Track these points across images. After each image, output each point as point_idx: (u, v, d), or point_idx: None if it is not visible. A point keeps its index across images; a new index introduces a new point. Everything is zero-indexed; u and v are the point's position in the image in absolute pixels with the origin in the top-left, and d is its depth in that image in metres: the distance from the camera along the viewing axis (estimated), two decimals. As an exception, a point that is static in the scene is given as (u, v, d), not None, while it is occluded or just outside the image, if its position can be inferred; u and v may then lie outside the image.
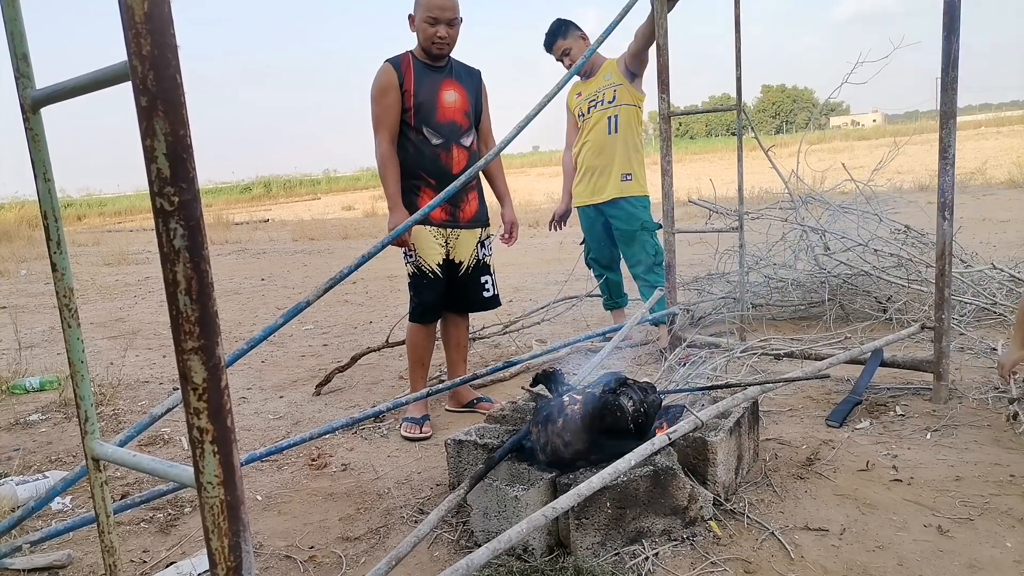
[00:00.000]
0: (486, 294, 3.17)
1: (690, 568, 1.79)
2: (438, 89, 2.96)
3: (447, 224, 3.03)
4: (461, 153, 3.01)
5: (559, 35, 3.92)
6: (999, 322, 3.77)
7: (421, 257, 3.01)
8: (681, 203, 5.61)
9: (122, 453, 0.96)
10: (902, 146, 4.77)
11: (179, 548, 2.14)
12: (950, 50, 2.56)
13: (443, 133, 2.97)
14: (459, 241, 3.07)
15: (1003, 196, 10.26)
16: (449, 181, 2.74)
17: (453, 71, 3.04)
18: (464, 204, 3.06)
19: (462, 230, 3.07)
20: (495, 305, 3.23)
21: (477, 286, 3.14)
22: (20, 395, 3.90)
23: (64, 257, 0.98)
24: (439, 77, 2.99)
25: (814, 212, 4.70)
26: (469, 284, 3.13)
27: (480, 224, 3.15)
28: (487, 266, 3.17)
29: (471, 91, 3.06)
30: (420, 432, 2.94)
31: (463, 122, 3.02)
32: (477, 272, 3.13)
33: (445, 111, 2.97)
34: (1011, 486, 2.07)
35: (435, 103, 2.95)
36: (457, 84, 3.02)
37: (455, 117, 2.99)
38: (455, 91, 3.00)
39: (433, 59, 2.97)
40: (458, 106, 3.00)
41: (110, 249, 12.70)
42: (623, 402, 1.96)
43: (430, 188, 2.98)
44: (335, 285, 2.07)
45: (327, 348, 4.74)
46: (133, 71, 0.67)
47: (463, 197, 3.05)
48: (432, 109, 2.95)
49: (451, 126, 2.99)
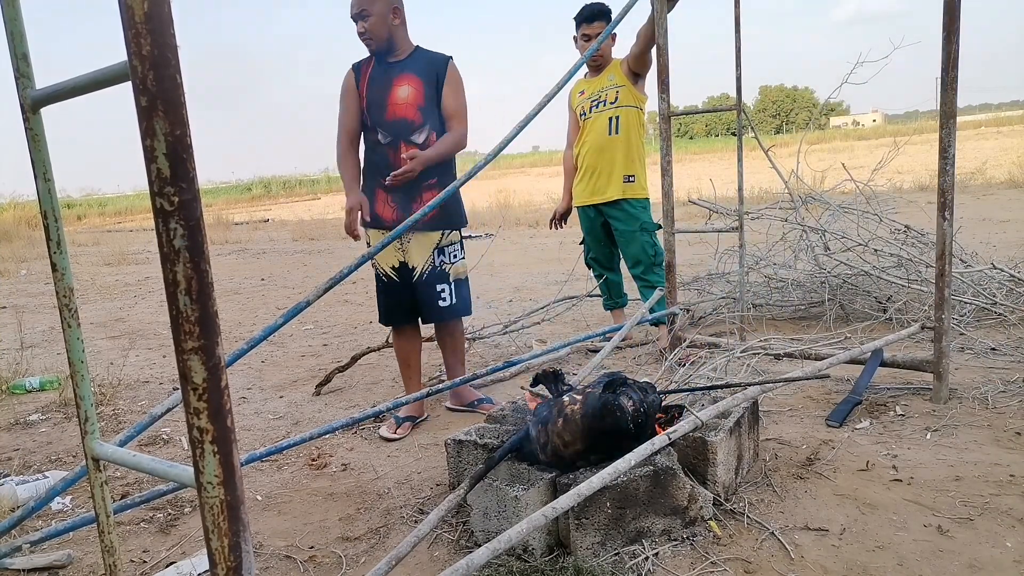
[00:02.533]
0: (442, 303, 2.97)
1: (690, 568, 1.79)
2: (391, 86, 2.86)
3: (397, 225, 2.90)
4: (410, 151, 2.84)
5: (605, 18, 3.80)
6: (999, 322, 3.77)
7: (376, 260, 2.97)
8: (681, 203, 5.61)
9: (122, 453, 0.96)
10: (902, 146, 4.77)
11: (179, 548, 2.14)
12: (950, 50, 2.56)
13: (392, 131, 2.88)
14: (411, 245, 2.95)
15: (1003, 196, 10.27)
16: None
17: (411, 64, 2.89)
18: (416, 206, 2.88)
19: (414, 234, 2.91)
20: (455, 315, 3.03)
21: (433, 294, 2.96)
22: (20, 395, 3.90)
23: (64, 257, 0.98)
24: (394, 73, 2.87)
25: (814, 212, 4.70)
26: (424, 291, 2.97)
27: (438, 228, 2.95)
28: (445, 274, 2.96)
29: (428, 82, 2.87)
30: (394, 433, 2.92)
31: (415, 118, 2.86)
32: (433, 279, 2.95)
33: (396, 108, 2.86)
34: (1011, 486, 2.07)
35: (385, 101, 2.86)
36: (413, 77, 2.86)
37: (406, 114, 2.86)
38: (409, 85, 2.86)
39: (385, 55, 2.89)
40: (410, 101, 2.85)
41: (110, 249, 12.70)
42: (623, 402, 1.96)
43: (382, 188, 2.92)
44: (335, 285, 2.07)
45: (327, 348, 4.74)
46: (133, 71, 0.67)
47: (416, 198, 2.90)
48: (382, 108, 2.86)
49: (400, 123, 2.87)
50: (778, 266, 4.65)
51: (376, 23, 2.81)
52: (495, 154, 2.48)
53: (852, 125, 58.35)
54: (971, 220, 7.67)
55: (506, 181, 25.90)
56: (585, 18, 3.83)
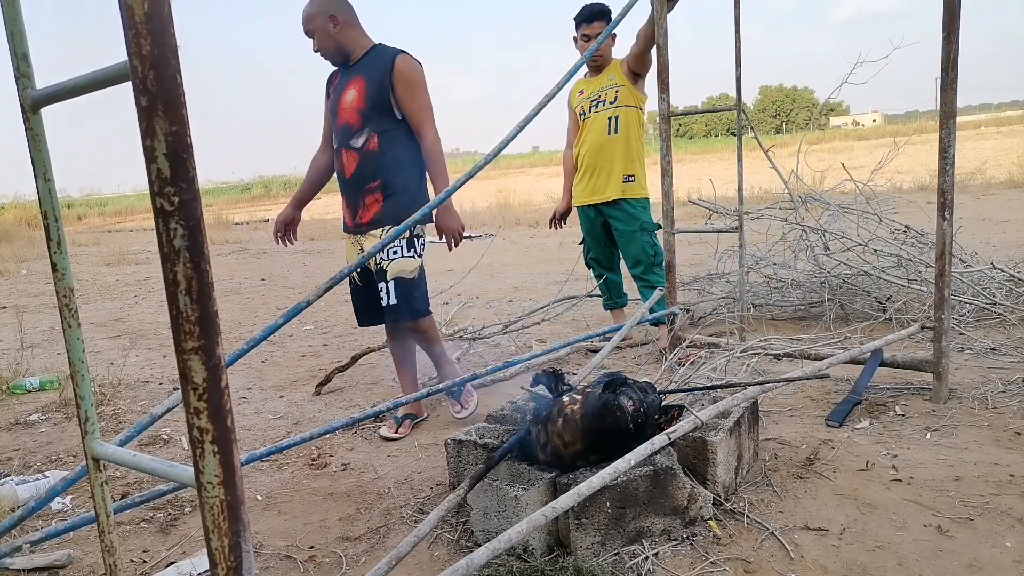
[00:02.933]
0: (383, 303, 2.88)
1: (690, 568, 1.79)
2: (342, 92, 2.85)
3: (353, 230, 2.95)
4: (350, 156, 2.83)
5: (605, 18, 3.80)
6: (999, 322, 3.77)
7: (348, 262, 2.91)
8: (681, 203, 5.61)
9: (122, 453, 0.96)
10: (902, 146, 4.77)
11: (179, 548, 2.14)
12: (950, 50, 2.56)
13: (339, 138, 2.87)
14: (366, 247, 2.91)
15: (1003, 196, 10.27)
16: (345, 186, 2.89)
17: (362, 66, 2.85)
18: (362, 209, 2.88)
19: (365, 235, 2.91)
20: (398, 316, 2.90)
21: (376, 295, 2.90)
22: (20, 395, 3.90)
23: (64, 257, 0.98)
24: (347, 78, 2.86)
25: (814, 212, 4.70)
26: (373, 292, 2.92)
27: (379, 225, 2.87)
28: (383, 272, 2.86)
29: (372, 83, 2.79)
30: (395, 432, 2.92)
31: (355, 121, 2.81)
32: (376, 278, 2.89)
33: (343, 113, 2.84)
34: (1011, 486, 2.07)
35: (337, 108, 2.86)
36: (359, 79, 2.82)
37: (348, 118, 2.83)
38: (355, 88, 2.82)
39: (345, 62, 2.88)
40: (353, 105, 2.81)
41: (110, 249, 12.69)
42: (623, 402, 1.96)
43: (341, 195, 2.96)
44: (335, 285, 2.07)
45: (327, 348, 4.74)
46: (133, 71, 0.67)
47: (361, 201, 2.87)
48: (336, 115, 2.87)
49: (344, 129, 2.84)
50: (778, 266, 4.65)
51: (321, 38, 2.81)
52: (495, 154, 2.48)
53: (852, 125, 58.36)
54: (971, 220, 7.67)
55: (506, 181, 25.90)
56: (585, 18, 3.83)
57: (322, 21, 2.78)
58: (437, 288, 6.50)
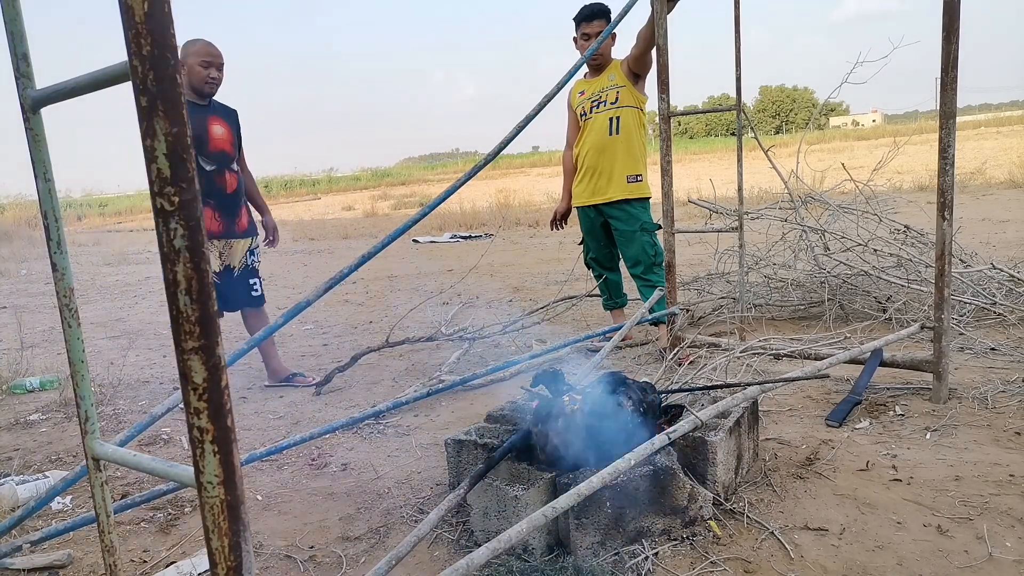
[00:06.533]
0: (254, 293, 3.74)
1: (690, 568, 1.79)
2: (206, 124, 3.48)
3: (223, 235, 3.59)
4: (232, 176, 3.59)
5: (606, 17, 3.80)
6: (999, 322, 3.77)
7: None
8: (681, 203, 5.62)
9: (122, 453, 0.96)
10: (902, 146, 4.77)
11: (179, 548, 2.14)
12: (950, 50, 2.56)
13: (215, 160, 3.51)
14: (232, 250, 3.64)
15: (1003, 196, 10.27)
16: (224, 201, 3.56)
17: (216, 109, 3.57)
18: (238, 218, 3.65)
19: (237, 240, 3.65)
20: (262, 303, 3.81)
21: (246, 287, 3.70)
22: (20, 395, 3.90)
23: (64, 257, 0.98)
24: (204, 114, 3.49)
25: (814, 212, 4.70)
26: (239, 286, 3.68)
27: (250, 234, 3.74)
28: (255, 270, 3.75)
29: (233, 126, 3.62)
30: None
31: (230, 151, 3.58)
32: (246, 275, 3.70)
33: (215, 142, 3.51)
34: (1011, 486, 2.07)
35: (205, 136, 3.46)
36: (221, 120, 3.56)
37: (223, 147, 3.55)
38: (220, 126, 3.54)
39: (200, 98, 3.48)
40: (225, 138, 3.56)
41: (110, 249, 12.70)
42: (623, 402, 1.96)
43: (209, 207, 3.54)
44: (335, 285, 2.07)
45: (327, 348, 4.74)
46: (133, 71, 0.67)
47: (237, 212, 3.64)
48: (204, 141, 3.46)
49: (221, 155, 3.54)
50: (778, 266, 4.65)
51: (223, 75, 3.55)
52: (495, 154, 2.49)
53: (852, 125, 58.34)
54: (971, 220, 7.67)
55: (506, 181, 25.88)
56: (584, 17, 3.83)
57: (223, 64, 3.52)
58: (437, 288, 6.51)
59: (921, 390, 2.89)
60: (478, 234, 11.54)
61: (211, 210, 3.54)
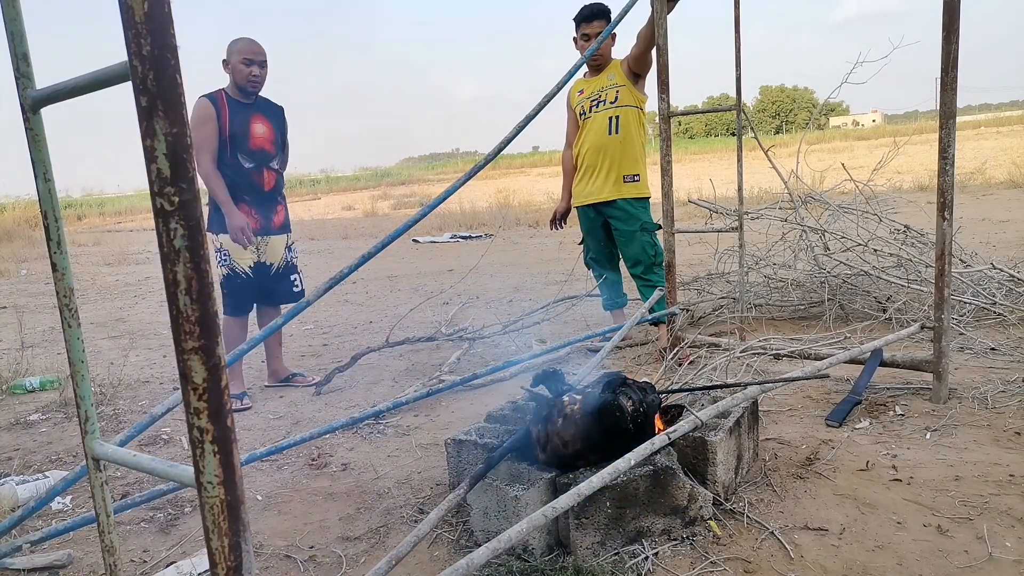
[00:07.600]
0: (296, 289, 3.78)
1: (690, 568, 1.79)
2: (248, 122, 3.50)
3: (258, 232, 3.58)
4: (270, 174, 3.61)
5: (606, 17, 3.79)
6: (999, 322, 3.77)
7: (235, 260, 3.55)
8: (681, 203, 5.62)
9: (122, 453, 0.96)
10: (902, 146, 4.77)
11: (179, 548, 2.14)
12: (950, 50, 2.56)
13: (255, 159, 3.53)
14: (270, 247, 3.66)
15: (1003, 196, 10.27)
16: (261, 198, 3.56)
17: (260, 107, 3.58)
18: (274, 215, 3.66)
19: (272, 236, 3.66)
20: (302, 297, 3.66)
21: (288, 283, 3.75)
22: (20, 395, 3.90)
23: (64, 257, 0.98)
24: (248, 112, 3.52)
25: (814, 212, 4.70)
26: (281, 282, 3.72)
27: (287, 231, 3.76)
28: (295, 266, 3.80)
29: (276, 124, 3.63)
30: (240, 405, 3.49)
31: (271, 149, 3.59)
32: (287, 271, 3.75)
33: (256, 140, 3.53)
34: (1011, 486, 2.07)
35: (247, 134, 3.49)
36: (263, 118, 3.57)
37: (264, 145, 3.56)
38: (263, 124, 3.56)
39: (245, 96, 3.50)
40: (266, 136, 3.57)
41: (110, 249, 12.70)
42: (623, 402, 1.96)
43: (245, 203, 3.53)
44: (335, 285, 2.07)
45: (327, 348, 4.74)
46: (133, 71, 0.67)
47: (273, 208, 3.65)
48: (244, 139, 3.48)
49: (261, 153, 3.55)
50: (778, 266, 4.65)
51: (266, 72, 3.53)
52: (495, 154, 2.48)
53: (852, 125, 58.34)
54: (971, 220, 7.67)
55: (506, 181, 25.87)
56: (584, 17, 3.83)
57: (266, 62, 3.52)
58: (437, 288, 6.51)
59: (921, 390, 2.89)
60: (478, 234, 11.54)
61: (247, 206, 3.54)
